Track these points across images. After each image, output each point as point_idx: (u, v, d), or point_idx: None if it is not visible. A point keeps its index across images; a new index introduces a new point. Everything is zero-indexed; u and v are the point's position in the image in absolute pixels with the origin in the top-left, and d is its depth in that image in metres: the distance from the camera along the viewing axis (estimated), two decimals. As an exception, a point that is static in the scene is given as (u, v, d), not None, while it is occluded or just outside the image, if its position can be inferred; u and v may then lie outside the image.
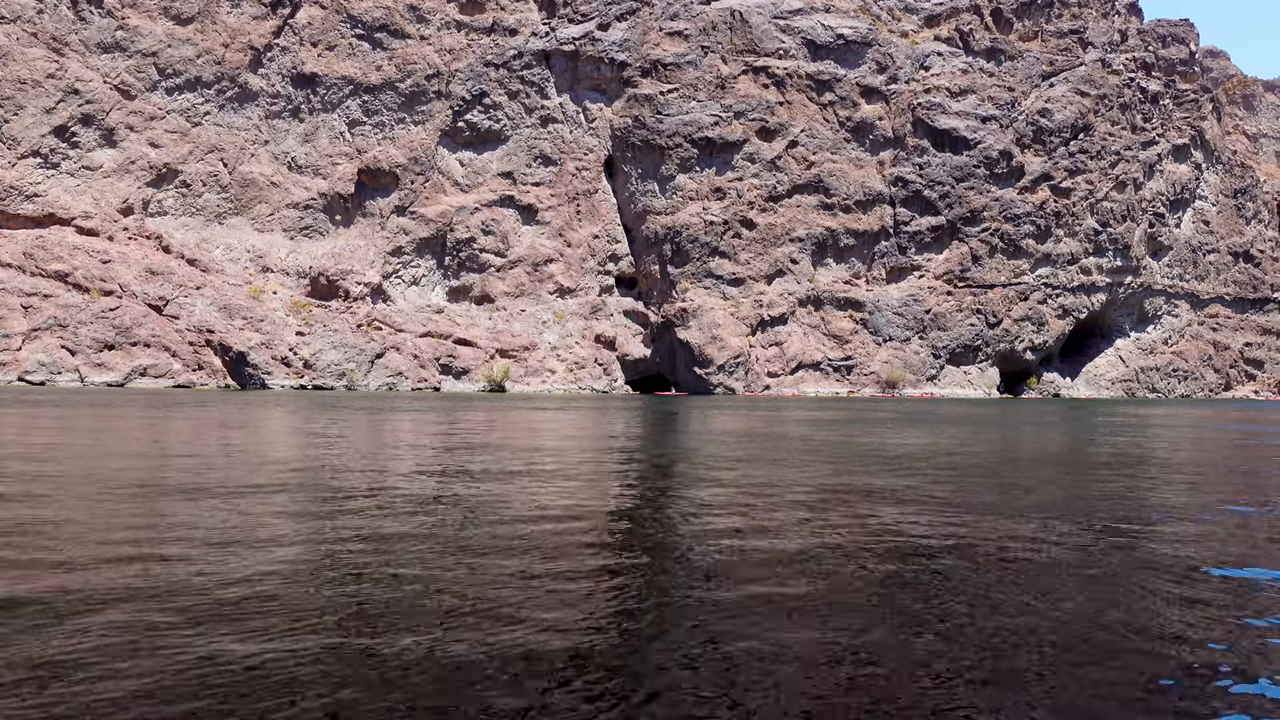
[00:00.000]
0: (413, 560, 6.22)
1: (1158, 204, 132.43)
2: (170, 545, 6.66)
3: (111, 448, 15.63)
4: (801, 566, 6.25)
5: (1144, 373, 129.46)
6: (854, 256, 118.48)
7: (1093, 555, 6.86)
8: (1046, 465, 15.18)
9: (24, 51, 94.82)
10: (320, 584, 5.48)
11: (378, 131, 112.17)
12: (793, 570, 6.12)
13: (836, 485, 11.32)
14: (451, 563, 6.14)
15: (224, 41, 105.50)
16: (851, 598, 5.38)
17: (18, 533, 7.12)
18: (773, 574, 5.98)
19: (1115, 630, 4.77)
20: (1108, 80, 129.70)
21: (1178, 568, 6.43)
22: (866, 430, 25.49)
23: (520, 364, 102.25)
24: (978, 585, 5.78)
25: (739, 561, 6.41)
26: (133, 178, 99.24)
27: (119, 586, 5.33)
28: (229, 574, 5.72)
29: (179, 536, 7.05)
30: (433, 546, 6.74)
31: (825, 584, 5.72)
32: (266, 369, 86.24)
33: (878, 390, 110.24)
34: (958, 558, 6.68)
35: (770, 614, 4.95)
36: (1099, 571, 6.25)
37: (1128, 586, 5.82)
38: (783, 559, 6.50)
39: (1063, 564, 6.50)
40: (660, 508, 9.21)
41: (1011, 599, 5.39)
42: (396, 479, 11.48)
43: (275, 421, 25.80)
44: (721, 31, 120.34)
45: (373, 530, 7.47)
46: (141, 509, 8.51)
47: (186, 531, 7.27)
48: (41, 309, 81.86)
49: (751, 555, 6.64)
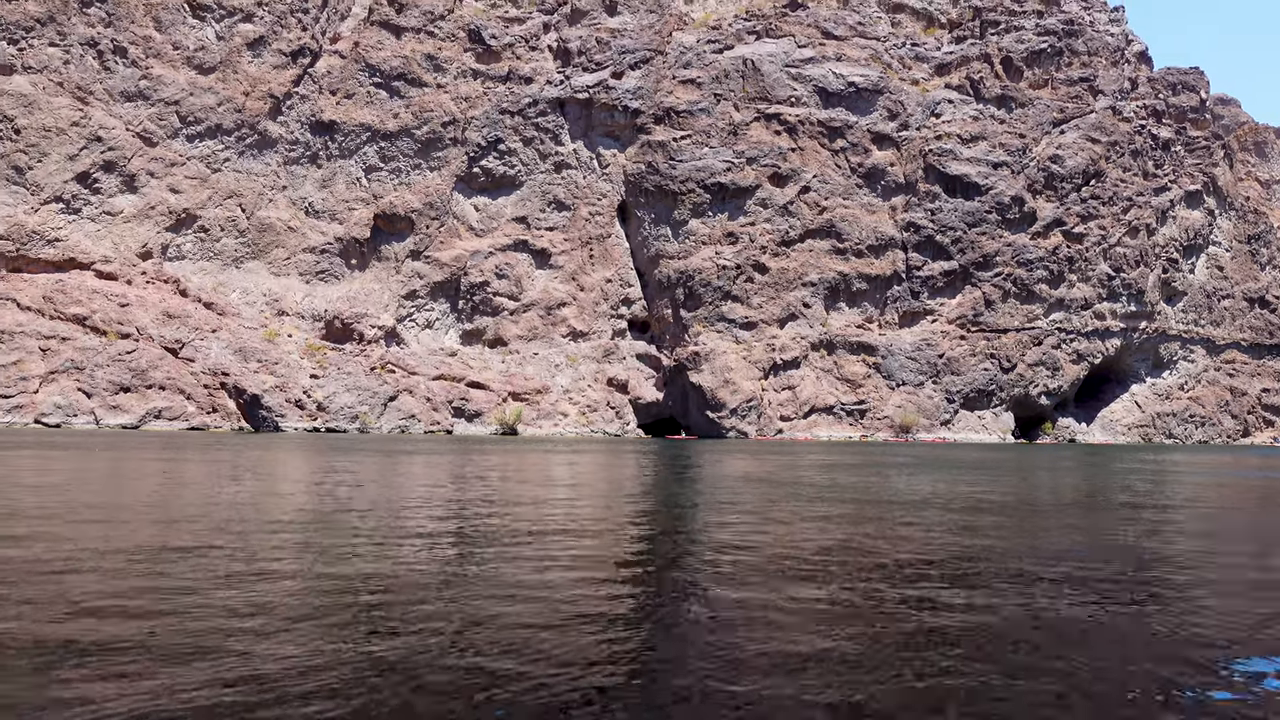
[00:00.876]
0: (427, 600, 6.11)
1: (1171, 249, 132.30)
2: (181, 581, 6.59)
3: (149, 494, 15.60)
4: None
5: (1160, 418, 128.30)
6: (866, 301, 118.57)
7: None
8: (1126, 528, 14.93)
9: (50, 100, 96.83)
10: (335, 623, 5.38)
11: (394, 177, 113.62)
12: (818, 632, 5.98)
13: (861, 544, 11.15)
14: (467, 606, 6.04)
15: (245, 90, 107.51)
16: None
17: (37, 573, 7.06)
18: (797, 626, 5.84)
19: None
20: (1119, 127, 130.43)
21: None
22: (883, 474, 25.25)
23: (533, 407, 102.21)
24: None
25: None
26: (152, 223, 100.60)
27: (130, 630, 5.25)
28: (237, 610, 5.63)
29: (188, 580, 6.97)
30: (446, 590, 6.63)
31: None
32: (280, 411, 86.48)
33: (891, 435, 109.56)
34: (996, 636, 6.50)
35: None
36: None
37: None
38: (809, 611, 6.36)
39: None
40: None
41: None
42: (410, 524, 11.38)
43: (290, 466, 25.75)
44: (734, 79, 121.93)
45: (382, 573, 7.37)
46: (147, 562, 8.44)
47: (194, 572, 7.20)
48: (59, 352, 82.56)
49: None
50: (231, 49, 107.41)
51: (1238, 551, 10.21)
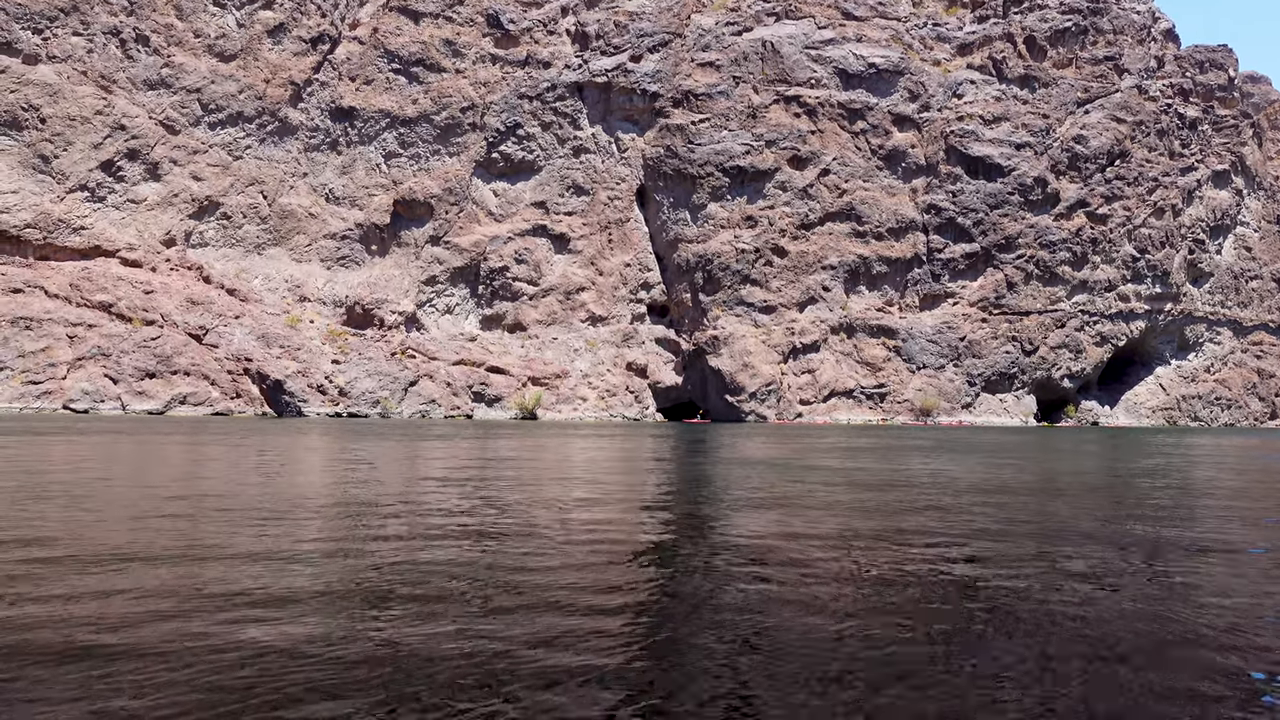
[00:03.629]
0: (444, 576, 6.30)
1: (1197, 230, 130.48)
2: (212, 563, 6.82)
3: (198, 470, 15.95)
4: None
5: (1186, 401, 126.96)
6: (887, 284, 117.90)
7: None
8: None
9: (74, 89, 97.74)
10: (357, 595, 5.58)
11: (413, 163, 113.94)
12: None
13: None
14: (481, 586, 6.22)
15: (265, 77, 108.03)
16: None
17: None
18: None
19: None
20: (1144, 106, 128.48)
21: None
22: (906, 459, 25.28)
23: (552, 391, 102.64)
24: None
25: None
26: (175, 210, 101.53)
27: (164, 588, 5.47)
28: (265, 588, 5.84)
29: (223, 555, 7.20)
30: (467, 570, 6.82)
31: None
32: (303, 397, 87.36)
33: (911, 418, 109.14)
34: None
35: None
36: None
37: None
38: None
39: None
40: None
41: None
42: (432, 501, 11.61)
43: (317, 452, 26.14)
44: (753, 62, 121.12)
45: (408, 555, 7.57)
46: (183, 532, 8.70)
47: (226, 550, 7.43)
48: (86, 339, 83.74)
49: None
50: (252, 36, 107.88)
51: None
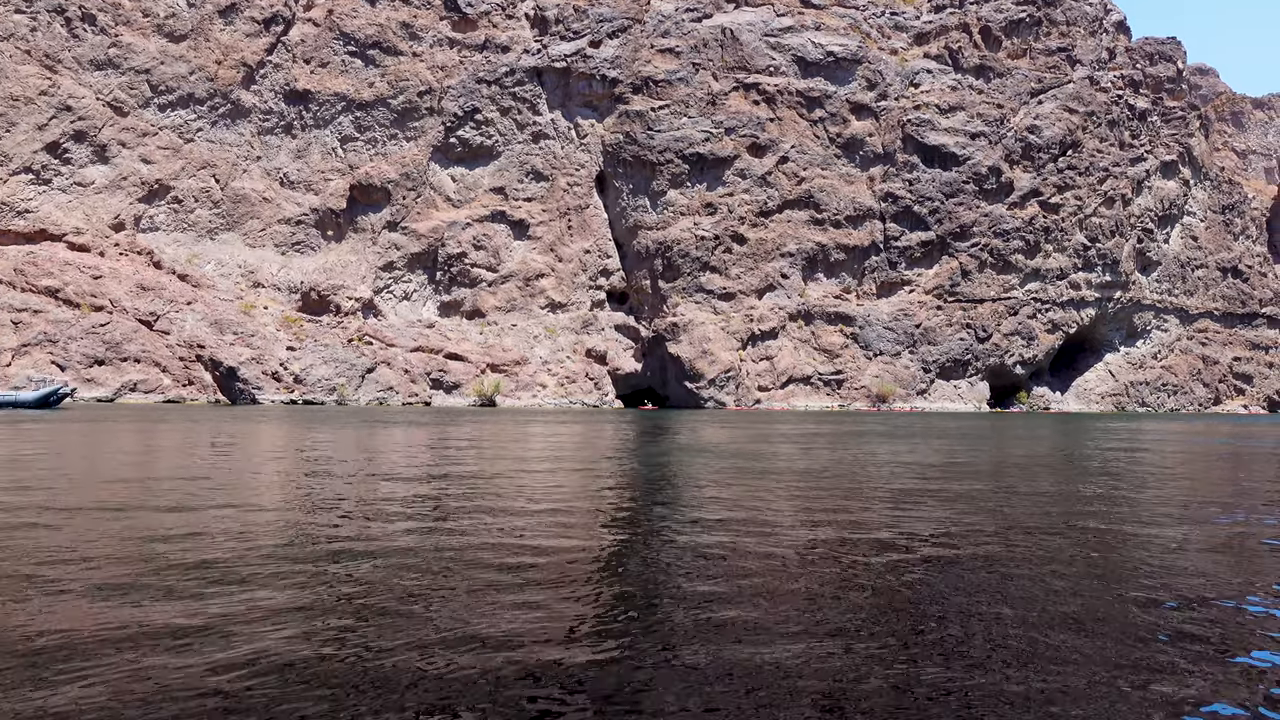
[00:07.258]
0: (402, 572, 6.39)
1: (1146, 220, 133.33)
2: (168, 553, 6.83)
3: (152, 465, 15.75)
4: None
5: (1133, 387, 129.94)
6: (844, 271, 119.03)
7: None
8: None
9: (17, 69, 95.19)
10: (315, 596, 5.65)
11: (370, 147, 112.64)
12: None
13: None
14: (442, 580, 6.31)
15: (217, 59, 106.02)
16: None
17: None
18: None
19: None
20: (1096, 97, 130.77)
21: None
22: (862, 445, 25.67)
23: (511, 378, 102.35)
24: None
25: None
26: (124, 194, 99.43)
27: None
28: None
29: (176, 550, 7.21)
30: (424, 560, 6.91)
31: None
32: (257, 384, 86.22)
33: (868, 404, 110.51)
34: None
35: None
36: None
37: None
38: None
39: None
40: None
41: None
42: (386, 489, 11.65)
43: (266, 440, 25.91)
44: (713, 49, 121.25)
45: (364, 539, 7.64)
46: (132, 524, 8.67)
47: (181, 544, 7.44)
48: (31, 325, 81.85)
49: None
50: (203, 16, 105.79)
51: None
